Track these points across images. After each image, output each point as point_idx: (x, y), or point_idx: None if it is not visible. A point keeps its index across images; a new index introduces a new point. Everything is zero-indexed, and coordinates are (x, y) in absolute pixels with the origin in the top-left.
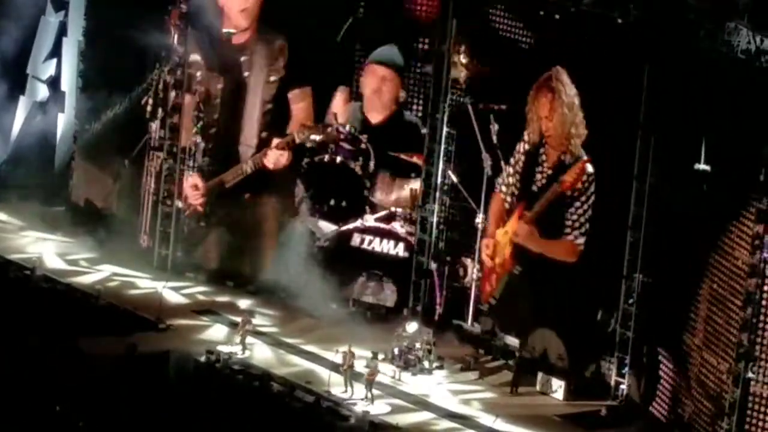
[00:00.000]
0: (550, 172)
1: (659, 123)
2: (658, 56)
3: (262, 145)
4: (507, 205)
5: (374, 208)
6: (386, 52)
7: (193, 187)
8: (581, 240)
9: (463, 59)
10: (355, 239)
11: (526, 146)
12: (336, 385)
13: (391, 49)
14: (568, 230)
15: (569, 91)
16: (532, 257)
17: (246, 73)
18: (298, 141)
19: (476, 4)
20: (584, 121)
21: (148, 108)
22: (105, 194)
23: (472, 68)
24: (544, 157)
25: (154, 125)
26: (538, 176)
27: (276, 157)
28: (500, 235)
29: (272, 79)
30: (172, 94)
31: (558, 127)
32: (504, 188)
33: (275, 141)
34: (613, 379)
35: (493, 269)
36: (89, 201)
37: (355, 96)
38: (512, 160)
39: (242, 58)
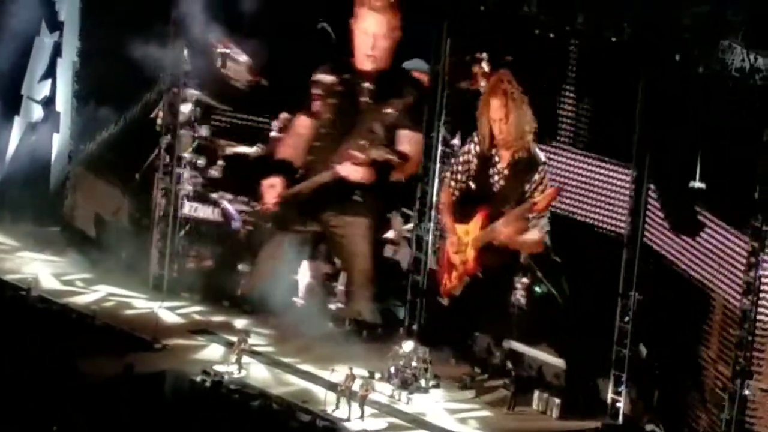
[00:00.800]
0: (506, 171)
1: (654, 140)
2: (653, 74)
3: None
4: (454, 198)
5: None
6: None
7: (270, 186)
8: (546, 231)
9: (485, 67)
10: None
11: (478, 148)
12: (332, 404)
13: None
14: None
15: (518, 90)
16: (495, 263)
17: (362, 98)
18: (369, 157)
19: (474, 23)
20: (533, 114)
21: (159, 121)
22: (114, 208)
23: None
24: (497, 159)
25: (166, 139)
26: (495, 177)
27: (351, 170)
28: (461, 233)
29: (388, 111)
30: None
31: (513, 129)
32: (453, 183)
33: (354, 154)
34: (609, 396)
35: (454, 265)
36: (98, 215)
37: None
38: (461, 158)
39: (364, 84)
